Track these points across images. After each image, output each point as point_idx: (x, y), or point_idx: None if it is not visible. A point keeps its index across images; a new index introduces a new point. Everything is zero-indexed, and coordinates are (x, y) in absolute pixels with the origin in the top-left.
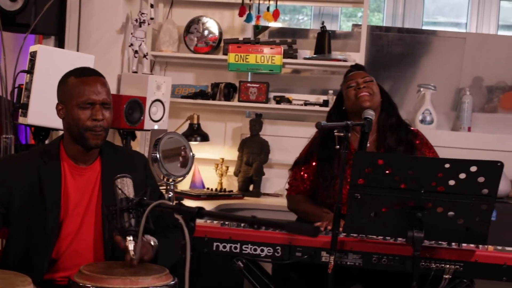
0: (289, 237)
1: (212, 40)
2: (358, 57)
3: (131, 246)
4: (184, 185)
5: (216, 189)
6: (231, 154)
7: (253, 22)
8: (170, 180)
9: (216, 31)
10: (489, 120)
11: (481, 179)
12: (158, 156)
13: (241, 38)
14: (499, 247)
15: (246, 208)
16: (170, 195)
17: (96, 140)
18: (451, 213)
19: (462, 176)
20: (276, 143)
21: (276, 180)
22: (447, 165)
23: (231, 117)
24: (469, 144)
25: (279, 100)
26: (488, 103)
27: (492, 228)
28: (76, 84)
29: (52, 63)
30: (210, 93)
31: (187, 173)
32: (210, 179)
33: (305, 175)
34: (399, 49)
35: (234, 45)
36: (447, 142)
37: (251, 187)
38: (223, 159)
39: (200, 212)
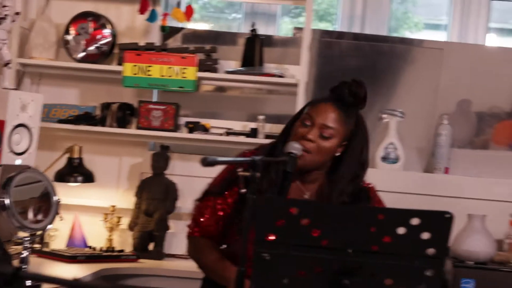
0: None
1: (103, 45)
2: (299, 72)
3: None
4: (59, 243)
5: (101, 248)
6: (126, 200)
7: (159, 22)
8: (28, 234)
9: (109, 33)
10: (474, 159)
11: (425, 235)
12: (8, 201)
13: (142, 43)
14: None
15: (141, 275)
16: (23, 255)
17: None
18: (388, 280)
19: (401, 231)
20: (187, 186)
21: (185, 237)
22: (380, 217)
23: (128, 150)
24: (445, 190)
25: (193, 127)
26: (477, 136)
27: None
28: None
29: None
30: (98, 117)
31: (49, 224)
32: (96, 235)
33: (220, 212)
34: (355, 62)
35: (131, 52)
36: (417, 188)
37: (150, 246)
38: (114, 207)
39: (16, 275)
